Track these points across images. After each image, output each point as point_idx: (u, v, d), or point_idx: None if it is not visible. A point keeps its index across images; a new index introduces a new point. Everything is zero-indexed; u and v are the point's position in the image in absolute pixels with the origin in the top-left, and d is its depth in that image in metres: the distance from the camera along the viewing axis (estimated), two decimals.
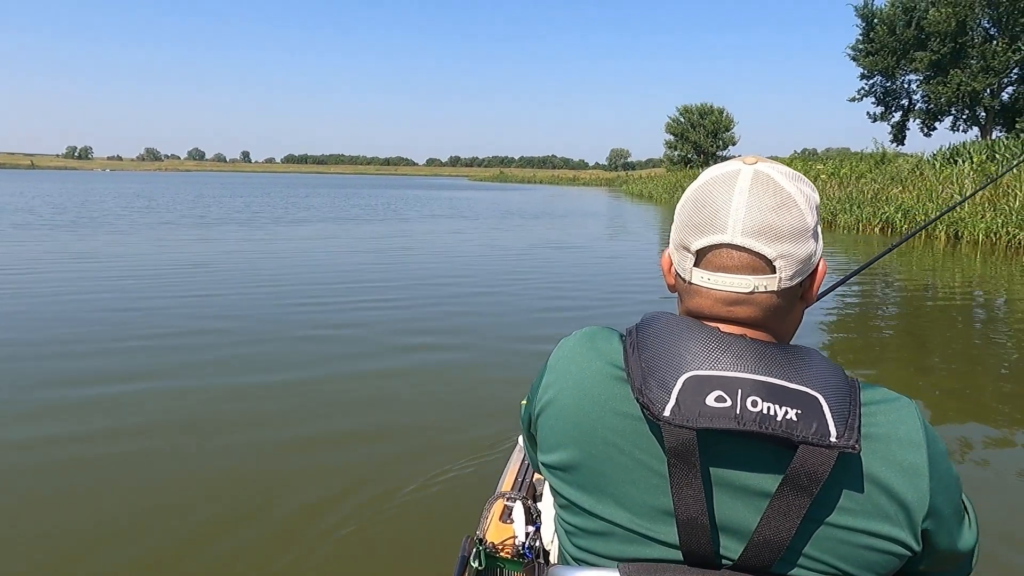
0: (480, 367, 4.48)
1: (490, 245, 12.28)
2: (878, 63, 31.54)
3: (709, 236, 0.75)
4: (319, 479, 2.79)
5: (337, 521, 2.45)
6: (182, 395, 3.76)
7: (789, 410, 0.67)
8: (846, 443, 0.66)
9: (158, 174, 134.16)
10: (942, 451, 0.74)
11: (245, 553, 2.26)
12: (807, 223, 0.74)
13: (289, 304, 6.34)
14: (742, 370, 0.70)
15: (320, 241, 12.34)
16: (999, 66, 27.62)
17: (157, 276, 7.71)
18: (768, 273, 0.74)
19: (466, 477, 2.80)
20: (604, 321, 1.09)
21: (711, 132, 54.59)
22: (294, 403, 3.67)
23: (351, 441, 3.21)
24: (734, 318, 0.76)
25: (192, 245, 11.05)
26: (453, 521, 2.37)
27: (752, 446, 0.71)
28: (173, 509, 2.53)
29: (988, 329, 6.15)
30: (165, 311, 5.87)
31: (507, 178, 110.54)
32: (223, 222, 15.95)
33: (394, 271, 8.69)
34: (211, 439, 3.19)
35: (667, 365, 0.72)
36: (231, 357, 4.52)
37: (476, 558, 1.04)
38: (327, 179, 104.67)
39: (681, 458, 0.70)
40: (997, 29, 28.18)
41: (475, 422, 3.40)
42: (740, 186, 0.75)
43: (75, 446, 3.08)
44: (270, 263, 9.21)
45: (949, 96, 29.01)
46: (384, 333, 5.24)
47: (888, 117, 33.76)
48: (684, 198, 0.80)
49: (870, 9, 31.42)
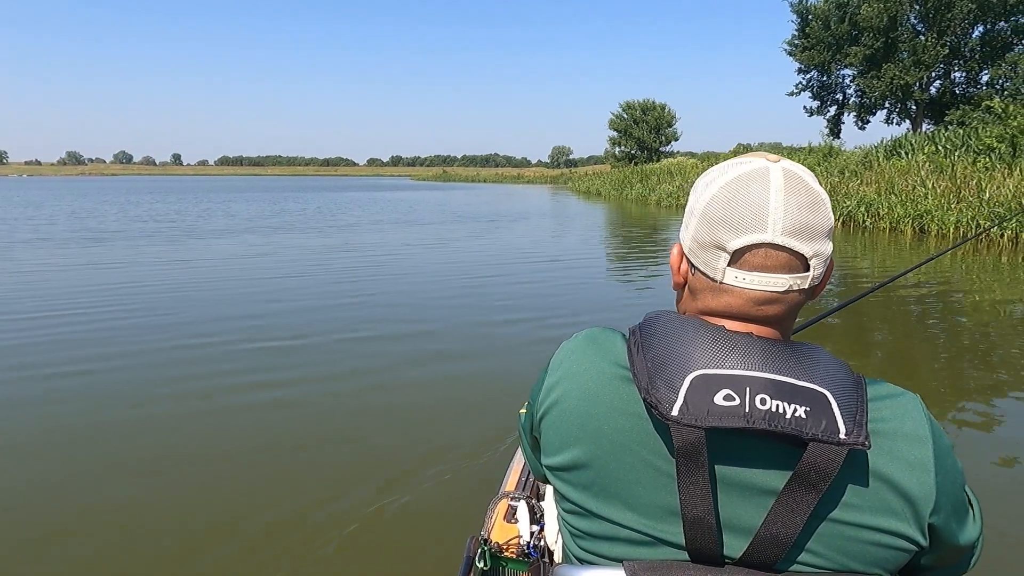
0: (481, 368, 4.45)
1: (453, 260, 10.55)
2: (814, 58, 32.10)
3: (749, 235, 0.73)
4: (322, 481, 2.81)
5: (342, 522, 2.46)
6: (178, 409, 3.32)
7: (798, 407, 0.67)
8: (855, 440, 0.66)
9: (80, 179, 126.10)
10: (947, 445, 0.74)
11: (248, 554, 2.26)
12: (831, 222, 0.76)
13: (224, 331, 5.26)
14: (750, 368, 0.70)
15: (235, 261, 9.74)
16: (929, 60, 28.44)
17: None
18: (802, 271, 0.74)
19: (470, 477, 2.80)
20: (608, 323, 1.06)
21: (654, 128, 54.90)
22: (297, 410, 3.67)
23: (353, 443, 3.22)
24: (763, 317, 0.76)
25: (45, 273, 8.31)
26: (458, 521, 2.35)
27: (760, 444, 0.70)
28: (174, 511, 2.55)
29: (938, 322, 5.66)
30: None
31: (450, 177, 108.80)
32: (105, 238, 12.60)
33: (353, 285, 7.61)
34: (214, 446, 3.20)
35: (673, 364, 0.72)
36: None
37: (481, 558, 1.05)
38: (262, 181, 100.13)
39: (689, 457, 0.70)
40: (924, 25, 29.02)
41: (477, 423, 3.40)
42: (775, 185, 0.73)
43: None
44: (163, 293, 7.04)
45: (883, 90, 29.75)
46: (386, 339, 5.18)
47: (824, 111, 34.46)
48: (710, 196, 0.76)
49: (805, 5, 31.95)
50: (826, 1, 31.02)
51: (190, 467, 2.95)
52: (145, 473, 2.90)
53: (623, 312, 6.37)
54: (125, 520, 2.50)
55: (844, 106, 33.75)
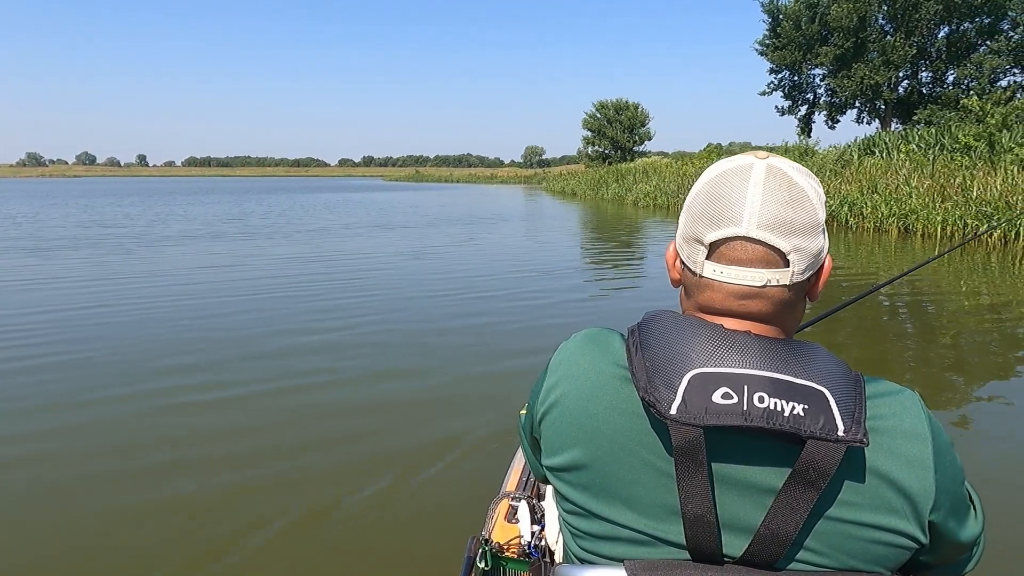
0: (481, 370, 4.43)
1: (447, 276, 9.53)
2: (786, 58, 32.35)
3: (723, 228, 0.73)
4: (322, 481, 2.80)
5: (343, 522, 2.46)
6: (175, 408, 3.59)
7: (796, 405, 0.67)
8: (854, 437, 0.66)
9: (38, 181, 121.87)
10: (946, 442, 0.73)
11: (248, 554, 2.26)
12: (818, 218, 0.74)
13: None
14: (748, 366, 0.69)
15: (182, 274, 8.44)
16: (898, 60, 28.83)
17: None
18: (781, 267, 0.73)
19: (470, 477, 2.80)
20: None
21: (628, 127, 55.02)
22: (291, 410, 3.66)
23: (353, 445, 3.20)
24: (745, 312, 0.75)
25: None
26: (458, 522, 2.35)
27: (759, 442, 0.70)
28: (171, 514, 2.53)
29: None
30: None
31: (423, 177, 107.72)
32: (40, 248, 11.16)
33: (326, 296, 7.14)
34: (214, 447, 3.17)
35: (672, 363, 0.71)
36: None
37: (482, 558, 1.04)
38: (230, 182, 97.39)
39: (688, 456, 0.70)
40: (892, 25, 29.42)
41: (477, 423, 3.39)
42: (755, 179, 0.74)
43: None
44: (73, 313, 6.09)
45: (853, 89, 30.08)
46: (385, 335, 5.20)
47: (796, 111, 34.78)
48: (695, 191, 0.78)
49: (775, 5, 32.18)
50: (796, 1, 31.27)
51: (182, 468, 2.90)
52: (121, 489, 2.78)
53: (622, 316, 6.09)
54: (109, 527, 2.49)
55: (815, 105, 34.10)
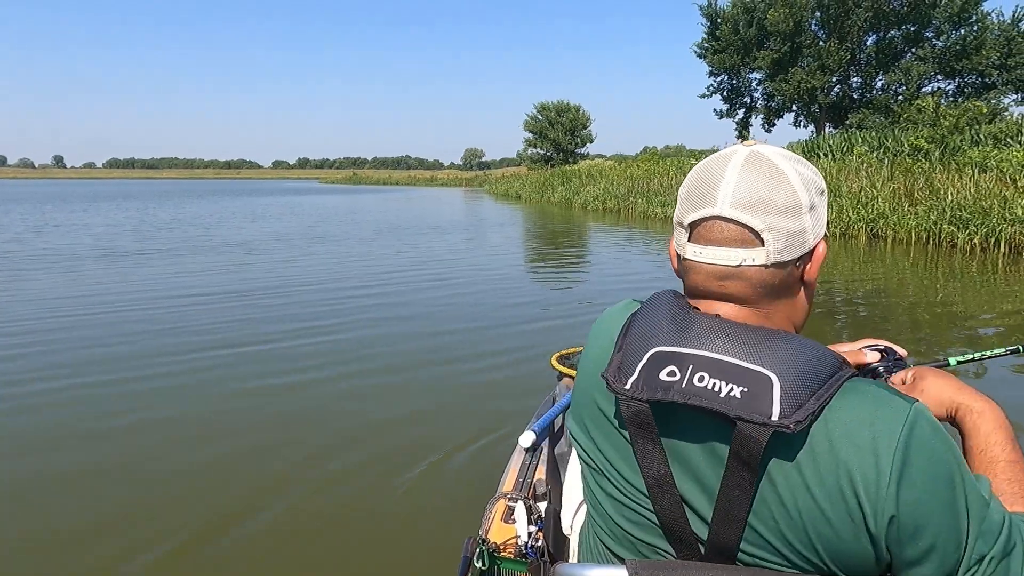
0: (480, 370, 4.40)
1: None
2: (724, 61, 32.64)
3: (701, 209, 0.76)
4: (318, 483, 2.79)
5: (339, 523, 2.47)
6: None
7: (735, 387, 0.68)
8: (780, 422, 0.65)
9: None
10: (935, 466, 0.66)
11: (247, 554, 2.27)
12: (798, 200, 0.74)
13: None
14: (701, 347, 0.72)
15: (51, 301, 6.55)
16: (832, 65, 29.45)
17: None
18: (756, 246, 0.74)
19: (467, 478, 2.80)
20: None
21: (569, 130, 54.79)
22: (292, 408, 3.68)
23: (350, 445, 3.17)
24: (724, 293, 0.77)
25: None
26: (455, 522, 2.34)
27: (706, 421, 0.72)
28: (171, 512, 2.54)
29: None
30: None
31: (361, 180, 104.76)
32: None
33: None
34: (212, 442, 3.19)
35: (642, 340, 0.76)
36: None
37: (479, 558, 1.06)
38: (153, 185, 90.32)
39: (639, 427, 0.75)
40: (825, 31, 30.06)
41: (476, 423, 3.36)
42: (734, 163, 0.76)
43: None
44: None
45: (791, 93, 30.55)
46: (381, 339, 5.24)
47: (733, 114, 35.18)
48: (685, 180, 0.81)
49: (714, 8, 32.41)
50: (734, 5, 31.57)
51: (181, 468, 2.91)
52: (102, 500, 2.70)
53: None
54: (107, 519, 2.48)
55: (752, 109, 34.56)
